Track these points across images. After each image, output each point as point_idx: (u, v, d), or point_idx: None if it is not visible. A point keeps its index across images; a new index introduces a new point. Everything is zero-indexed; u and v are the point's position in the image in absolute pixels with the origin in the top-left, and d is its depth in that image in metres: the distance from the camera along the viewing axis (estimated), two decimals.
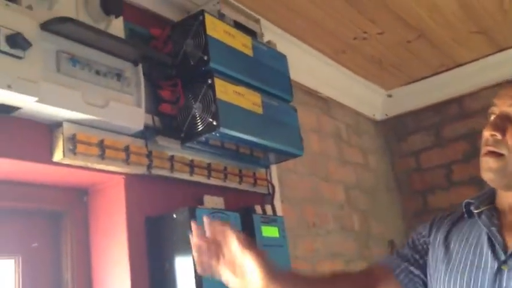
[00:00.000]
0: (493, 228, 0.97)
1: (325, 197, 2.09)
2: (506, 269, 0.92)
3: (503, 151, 0.95)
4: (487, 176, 0.98)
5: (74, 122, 1.06)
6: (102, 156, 1.09)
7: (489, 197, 1.05)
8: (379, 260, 1.20)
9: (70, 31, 1.02)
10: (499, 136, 0.95)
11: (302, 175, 1.99)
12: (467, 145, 2.63)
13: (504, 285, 0.90)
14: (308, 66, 2.11)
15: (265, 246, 1.34)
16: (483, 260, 0.96)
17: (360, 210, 2.32)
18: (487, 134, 0.98)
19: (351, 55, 2.20)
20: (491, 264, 0.94)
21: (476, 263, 0.97)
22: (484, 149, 0.98)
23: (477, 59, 2.44)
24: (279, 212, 1.63)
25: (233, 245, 0.91)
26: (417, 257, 1.12)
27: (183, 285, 1.14)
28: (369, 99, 2.65)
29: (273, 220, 1.44)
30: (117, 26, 1.17)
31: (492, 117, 1.00)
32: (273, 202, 1.61)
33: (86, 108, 1.05)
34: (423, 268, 1.10)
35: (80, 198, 1.24)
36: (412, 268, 1.11)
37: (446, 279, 1.02)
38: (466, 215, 1.06)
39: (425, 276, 1.09)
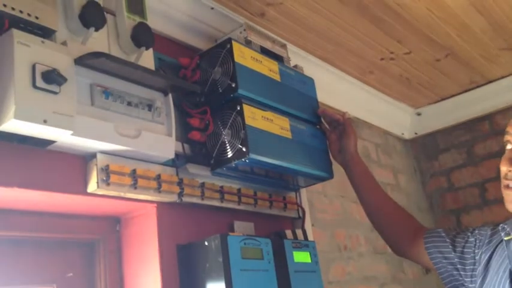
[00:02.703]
0: None
1: (355, 219, 2.06)
2: None
3: None
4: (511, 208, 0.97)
5: (107, 153, 1.08)
6: (134, 186, 1.11)
7: None
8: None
9: (103, 65, 1.05)
10: None
11: (332, 197, 1.97)
12: (499, 163, 2.56)
13: None
14: (335, 88, 2.11)
15: (298, 273, 1.33)
16: None
17: None
18: (504, 169, 0.97)
19: (378, 75, 2.19)
20: None
21: None
22: (504, 183, 0.98)
23: (507, 76, 2.39)
24: (310, 236, 1.62)
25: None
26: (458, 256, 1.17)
27: None
28: (397, 118, 2.62)
29: (304, 245, 1.42)
30: (147, 57, 1.19)
31: (508, 148, 0.99)
32: (304, 226, 1.59)
33: (118, 139, 1.06)
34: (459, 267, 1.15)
35: (112, 227, 1.25)
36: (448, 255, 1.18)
37: None
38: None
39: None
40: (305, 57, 1.88)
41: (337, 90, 2.12)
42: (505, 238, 1.03)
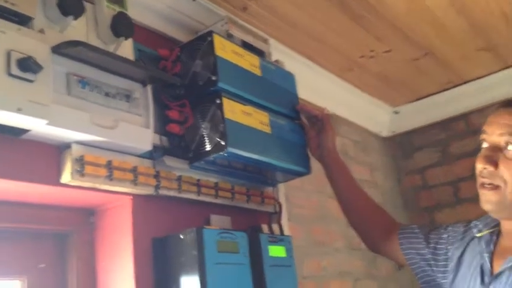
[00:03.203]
0: (486, 255, 1.01)
1: (332, 214, 2.08)
2: None
3: (499, 183, 0.95)
4: (487, 207, 1.00)
5: (83, 143, 1.07)
6: (110, 177, 1.09)
7: (496, 219, 1.06)
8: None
9: (80, 54, 1.03)
10: (491, 169, 0.95)
11: (309, 193, 1.99)
12: (474, 162, 2.61)
13: None
14: (315, 85, 2.12)
15: (273, 267, 1.33)
16: (475, 284, 1.00)
17: None
18: (479, 166, 0.98)
19: (357, 73, 2.21)
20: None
21: (470, 287, 1.02)
22: (479, 181, 0.99)
23: (484, 76, 2.44)
24: (286, 231, 1.62)
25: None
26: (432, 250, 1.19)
27: None
28: (375, 116, 2.65)
29: (280, 239, 1.43)
30: (126, 48, 1.18)
31: (483, 146, 1.00)
32: (280, 221, 1.60)
33: (94, 130, 1.05)
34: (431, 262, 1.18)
35: (86, 218, 1.24)
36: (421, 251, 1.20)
37: None
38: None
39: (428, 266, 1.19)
40: (286, 53, 1.88)
41: (317, 87, 2.13)
42: (478, 235, 1.06)
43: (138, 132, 1.15)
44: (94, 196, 1.14)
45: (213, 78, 1.27)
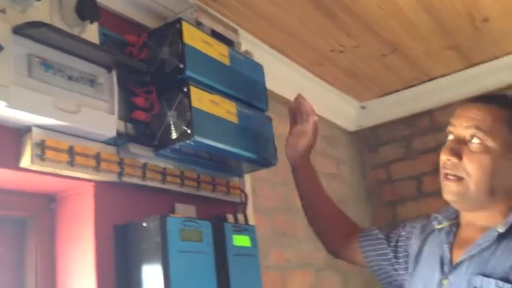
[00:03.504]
0: (446, 246, 1.03)
1: (297, 206, 2.09)
2: (447, 282, 0.98)
3: (462, 174, 0.98)
4: (449, 198, 1.02)
5: (44, 127, 1.04)
6: (71, 163, 1.07)
7: (456, 211, 1.09)
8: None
9: (43, 35, 1.00)
10: (455, 160, 0.98)
11: (275, 184, 2.00)
12: (436, 157, 2.67)
13: None
14: (284, 77, 2.13)
15: (236, 256, 1.34)
16: (434, 274, 1.02)
17: None
18: (444, 158, 1.01)
19: (327, 67, 2.23)
20: (436, 278, 1.01)
21: (429, 277, 1.03)
22: (443, 172, 1.02)
23: (448, 74, 2.50)
24: (251, 221, 1.63)
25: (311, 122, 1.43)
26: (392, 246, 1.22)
27: None
28: (342, 110, 2.68)
29: (244, 229, 1.43)
30: (91, 32, 1.15)
31: (449, 138, 1.03)
32: (246, 211, 1.61)
33: (56, 114, 1.03)
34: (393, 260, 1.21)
35: (47, 204, 1.21)
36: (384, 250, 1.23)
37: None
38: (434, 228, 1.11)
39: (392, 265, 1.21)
40: (256, 44, 1.88)
41: (286, 79, 2.14)
42: (438, 227, 1.08)
43: (101, 118, 1.13)
44: (55, 182, 1.12)
45: (181, 66, 1.26)
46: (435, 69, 2.43)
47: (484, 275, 0.92)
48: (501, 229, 0.95)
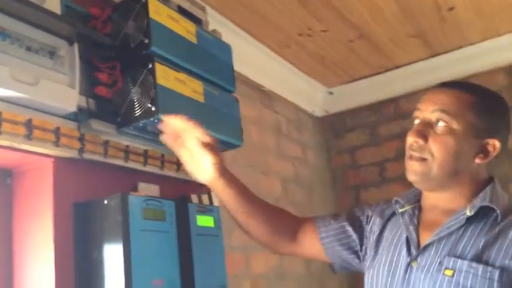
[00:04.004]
0: (411, 227, 1.04)
1: (262, 189, 2.11)
2: (416, 264, 0.98)
3: (427, 156, 1.00)
4: (412, 178, 1.03)
5: (0, 99, 1.00)
6: (29, 137, 1.03)
7: (417, 195, 1.11)
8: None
9: (1, 3, 0.96)
10: (421, 142, 1.00)
11: (241, 166, 2.00)
12: (400, 144, 2.73)
13: (412, 280, 0.97)
14: (252, 59, 2.11)
15: (200, 236, 1.33)
16: (400, 257, 1.03)
17: (296, 204, 2.36)
18: (410, 140, 1.03)
19: (295, 50, 2.23)
20: (403, 260, 1.01)
21: (394, 260, 1.03)
22: (408, 153, 1.04)
23: (413, 62, 2.54)
24: (216, 202, 1.63)
25: (192, 141, 1.12)
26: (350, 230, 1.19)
27: (112, 275, 1.10)
28: (310, 95, 2.70)
29: (209, 210, 1.42)
30: (53, 2, 1.10)
31: (416, 122, 1.05)
32: (210, 192, 1.60)
33: (13, 85, 0.98)
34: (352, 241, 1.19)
35: (3, 179, 1.17)
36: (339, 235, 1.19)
37: (371, 273, 1.09)
38: (396, 212, 1.12)
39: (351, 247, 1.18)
40: (224, 24, 1.86)
41: (254, 61, 2.13)
42: (400, 210, 1.09)
43: (61, 92, 1.09)
44: (11, 156, 1.07)
45: (146, 41, 1.23)
46: (401, 57, 2.47)
47: (456, 257, 0.94)
48: (469, 212, 0.96)
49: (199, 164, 1.14)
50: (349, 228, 1.19)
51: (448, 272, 0.93)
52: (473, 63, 2.45)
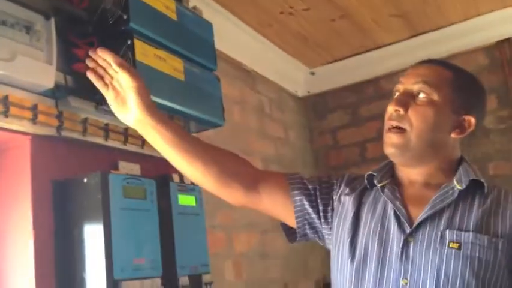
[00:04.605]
0: (397, 202, 1.01)
1: None
2: (412, 241, 0.97)
3: (406, 126, 1.00)
4: (390, 150, 1.02)
5: None
6: (5, 114, 1.01)
7: (389, 170, 1.09)
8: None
9: None
10: (402, 111, 1.00)
11: (222, 145, 1.98)
12: (380, 124, 2.72)
13: (411, 256, 0.95)
14: (234, 38, 2.09)
15: (181, 215, 1.33)
16: (391, 233, 1.00)
17: None
18: (391, 109, 1.02)
19: (277, 29, 2.21)
20: (397, 237, 0.98)
21: (384, 236, 1.00)
22: (388, 124, 1.03)
23: (395, 42, 2.55)
24: None
25: (112, 66, 1.05)
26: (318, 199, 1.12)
27: (92, 253, 1.10)
28: (292, 75, 2.69)
29: (190, 189, 1.42)
30: None
31: (397, 94, 1.05)
32: None
33: None
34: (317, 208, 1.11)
35: None
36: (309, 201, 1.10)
37: (352, 248, 1.03)
38: (368, 186, 1.09)
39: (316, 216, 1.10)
40: (205, 1, 1.83)
41: (235, 40, 2.11)
42: (379, 185, 1.06)
43: (38, 68, 1.07)
44: None
45: (124, 17, 1.20)
46: (382, 37, 2.47)
47: (457, 229, 0.94)
48: (460, 186, 0.98)
49: (125, 103, 1.05)
50: (319, 193, 1.12)
51: (454, 245, 0.93)
52: (454, 43, 2.47)
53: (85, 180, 1.13)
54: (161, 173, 1.46)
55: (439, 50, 2.45)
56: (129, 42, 1.21)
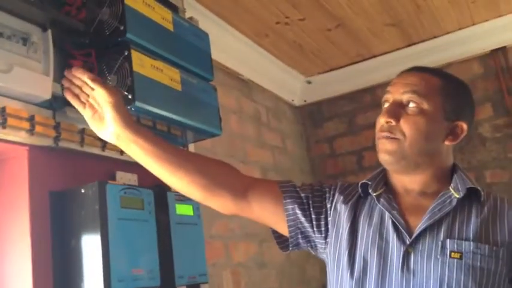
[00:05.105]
0: (394, 212, 1.00)
1: None
2: (413, 251, 0.95)
3: (398, 136, 0.99)
4: (384, 157, 1.01)
5: None
6: (3, 125, 1.01)
7: (382, 178, 1.08)
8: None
9: None
10: (393, 123, 0.99)
11: (220, 156, 1.99)
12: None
13: (412, 268, 0.94)
14: (231, 48, 2.11)
15: (179, 224, 1.33)
16: (390, 244, 0.98)
17: None
18: (382, 120, 1.01)
19: (273, 39, 2.23)
20: (397, 248, 0.97)
21: (384, 247, 0.99)
22: (379, 135, 1.02)
23: (390, 51, 2.57)
24: None
25: (87, 83, 1.07)
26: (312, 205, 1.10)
27: (90, 264, 1.10)
28: (289, 84, 2.70)
29: (188, 199, 1.42)
30: None
31: (386, 105, 1.04)
32: None
33: None
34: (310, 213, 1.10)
35: None
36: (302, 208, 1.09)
37: (351, 260, 1.01)
38: (362, 195, 1.08)
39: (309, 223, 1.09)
40: (201, 11, 1.84)
41: (232, 50, 2.12)
42: (374, 194, 1.04)
43: (36, 79, 1.07)
44: None
45: (121, 28, 1.21)
46: (378, 46, 2.49)
47: (457, 239, 0.93)
48: (458, 195, 0.97)
49: (103, 120, 1.05)
50: (312, 201, 1.11)
51: (455, 255, 0.92)
52: (448, 52, 2.49)
53: (82, 190, 1.13)
54: (159, 183, 1.46)
55: (434, 59, 2.47)
56: (126, 53, 1.21)
